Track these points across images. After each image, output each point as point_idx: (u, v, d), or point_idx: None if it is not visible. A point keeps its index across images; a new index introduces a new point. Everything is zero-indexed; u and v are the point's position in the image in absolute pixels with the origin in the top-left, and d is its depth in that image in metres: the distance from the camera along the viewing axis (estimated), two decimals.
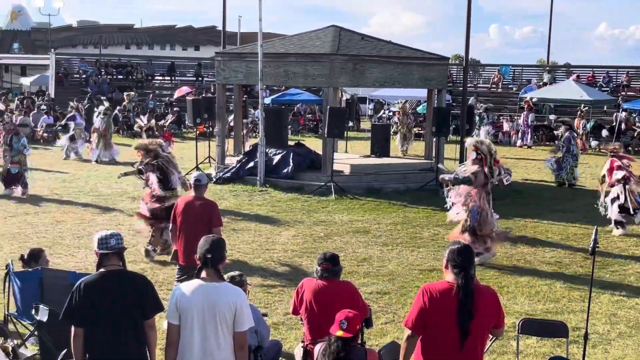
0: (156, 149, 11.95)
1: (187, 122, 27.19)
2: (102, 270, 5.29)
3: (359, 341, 6.03)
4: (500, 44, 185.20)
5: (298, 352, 6.63)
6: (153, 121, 16.58)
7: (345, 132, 20.68)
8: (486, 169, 11.79)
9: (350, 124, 28.00)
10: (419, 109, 35.68)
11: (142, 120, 22.70)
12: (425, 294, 5.05)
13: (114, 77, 41.00)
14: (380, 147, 21.72)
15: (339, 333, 5.52)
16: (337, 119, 17.63)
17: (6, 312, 7.71)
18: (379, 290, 10.28)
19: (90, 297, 5.16)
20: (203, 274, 5.21)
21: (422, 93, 27.17)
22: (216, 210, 8.76)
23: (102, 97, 30.53)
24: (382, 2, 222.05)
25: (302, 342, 6.59)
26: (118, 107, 31.74)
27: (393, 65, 18.88)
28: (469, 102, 29.13)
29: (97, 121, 23.55)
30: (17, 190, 16.61)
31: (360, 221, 14.85)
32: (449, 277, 5.09)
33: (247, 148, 21.60)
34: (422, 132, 29.06)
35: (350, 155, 22.37)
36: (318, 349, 5.77)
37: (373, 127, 24.36)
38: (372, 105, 41.01)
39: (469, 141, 12.56)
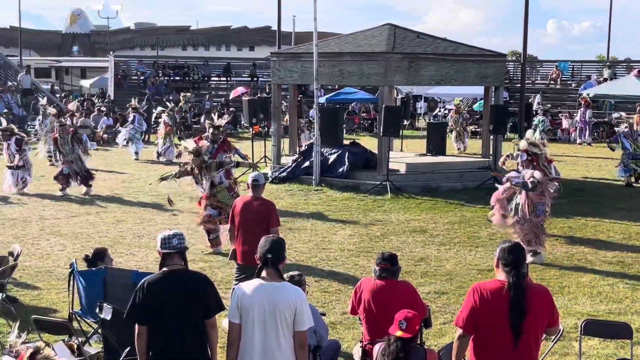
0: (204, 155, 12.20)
1: (243, 122, 27.44)
2: (164, 269, 5.38)
3: (418, 341, 6.01)
4: (558, 40, 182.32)
5: (357, 352, 6.63)
6: (222, 120, 16.29)
7: (401, 131, 20.60)
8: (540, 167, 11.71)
9: (406, 122, 27.86)
10: (475, 106, 35.33)
11: (214, 119, 22.72)
12: (476, 293, 5.02)
13: (171, 78, 41.57)
14: (436, 145, 21.57)
15: (399, 333, 5.51)
16: (393, 118, 17.57)
17: (71, 311, 7.88)
18: (436, 290, 10.21)
19: (154, 296, 5.25)
20: (263, 273, 5.24)
21: (478, 90, 26.87)
22: (274, 210, 8.81)
23: (168, 98, 31.04)
24: None
25: (361, 341, 6.59)
26: (175, 108, 32.12)
27: (449, 62, 18.74)
28: (534, 100, 28.79)
29: (165, 120, 24.03)
30: (83, 189, 17.18)
31: (416, 220, 14.78)
32: (500, 275, 5.07)
33: (302, 147, 21.69)
34: (478, 130, 28.77)
35: (406, 153, 22.25)
36: (377, 349, 5.77)
37: (429, 126, 24.18)
38: (426, 103, 40.72)
39: (522, 144, 12.35)
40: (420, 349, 5.77)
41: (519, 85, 31.89)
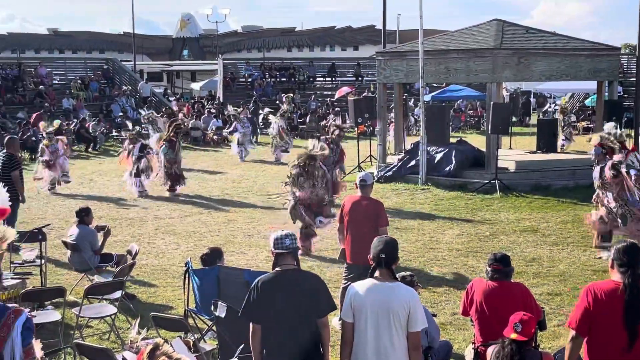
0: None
1: (348, 122, 27.53)
2: (277, 269, 5.47)
3: (533, 344, 5.88)
4: None
5: (469, 354, 6.54)
6: (339, 120, 16.48)
7: (510, 128, 20.18)
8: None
9: (514, 119, 27.27)
10: (587, 101, 34.23)
11: (339, 121, 22.87)
12: (590, 294, 4.90)
13: (278, 79, 42.19)
14: (546, 142, 21.02)
15: (513, 336, 5.41)
16: (501, 115, 17.23)
17: (186, 308, 8.14)
18: (549, 291, 9.96)
19: (267, 295, 5.35)
20: (377, 273, 5.25)
21: (590, 85, 26.01)
22: (382, 209, 8.79)
23: (282, 101, 31.56)
24: None
25: (473, 343, 6.50)
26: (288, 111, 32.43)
27: (560, 57, 18.22)
28: None
29: (279, 122, 24.37)
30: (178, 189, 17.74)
31: (527, 219, 14.45)
32: (615, 276, 4.92)
33: (408, 146, 21.58)
34: (591, 125, 27.82)
35: (515, 151, 21.80)
36: (491, 351, 5.68)
37: (539, 122, 23.59)
38: (534, 99, 39.72)
39: (594, 139, 11.91)
40: (535, 352, 5.64)
41: (634, 79, 30.70)
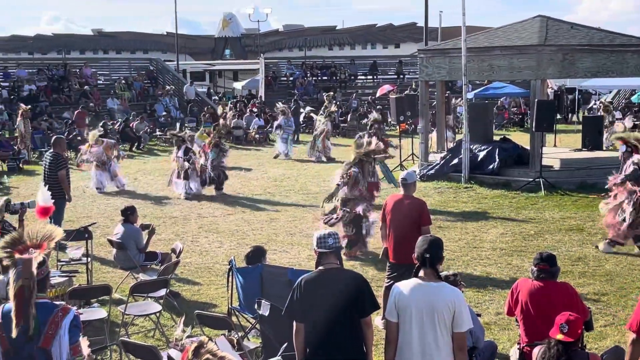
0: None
1: (390, 120, 27.43)
2: (320, 268, 5.48)
3: (580, 345, 5.79)
4: None
5: (514, 354, 6.47)
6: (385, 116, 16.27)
7: (554, 125, 19.91)
8: None
9: (559, 116, 26.89)
10: (634, 98, 33.59)
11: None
12: None
13: (319, 78, 42.21)
14: (591, 139, 20.71)
15: (560, 336, 5.34)
16: (546, 112, 17.00)
17: (230, 306, 8.19)
18: (596, 291, 9.80)
19: (311, 294, 5.36)
20: (421, 273, 5.22)
21: (637, 82, 25.54)
22: (425, 208, 8.73)
23: (331, 99, 31.62)
24: None
25: (518, 343, 6.43)
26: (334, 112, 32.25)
27: (606, 54, 17.91)
28: None
29: (326, 124, 24.39)
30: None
31: (572, 218, 14.24)
32: None
33: (450, 144, 21.43)
34: (638, 122, 27.33)
35: (560, 149, 21.50)
36: (537, 352, 5.60)
37: (584, 119, 23.24)
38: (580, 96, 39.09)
39: (614, 135, 11.84)
40: (583, 352, 5.55)
41: None
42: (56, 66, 36.15)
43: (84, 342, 4.77)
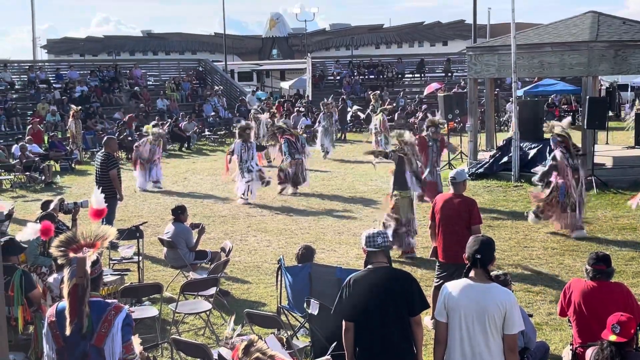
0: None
1: (438, 119, 27.22)
2: (369, 267, 5.46)
3: (634, 346, 5.67)
4: None
5: (566, 355, 6.37)
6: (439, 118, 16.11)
7: (606, 123, 19.53)
8: None
9: (611, 113, 26.39)
10: None
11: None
12: None
13: (366, 77, 42.12)
14: None
15: (612, 338, 5.24)
16: (598, 109, 16.68)
17: (279, 305, 8.23)
18: None
19: (360, 292, 5.35)
20: (471, 273, 5.15)
21: None
22: (475, 207, 8.64)
23: (376, 95, 31.62)
24: None
25: (571, 344, 6.33)
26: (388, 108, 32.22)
27: None
28: None
29: (380, 117, 24.42)
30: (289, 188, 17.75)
31: (625, 217, 13.96)
32: None
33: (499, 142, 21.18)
34: None
35: (612, 146, 21.09)
36: (590, 353, 5.51)
37: (637, 117, 22.73)
38: (632, 92, 38.33)
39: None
40: (637, 354, 5.45)
41: None
42: (107, 67, 36.79)
43: (135, 340, 4.83)
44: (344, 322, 5.42)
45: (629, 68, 18.08)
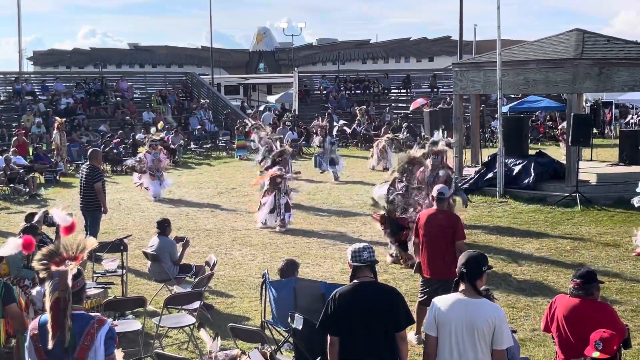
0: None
1: (423, 134, 27.31)
2: (355, 281, 5.46)
3: None
4: None
5: None
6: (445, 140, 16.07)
7: (591, 140, 19.68)
8: None
9: (595, 130, 26.60)
10: None
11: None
12: None
13: (352, 92, 42.24)
14: (629, 154, 20.42)
15: (595, 354, 5.25)
16: (582, 127, 16.82)
17: (263, 319, 8.19)
18: (633, 307, 9.65)
19: (345, 307, 5.34)
20: (461, 287, 5.20)
21: None
22: (459, 223, 8.67)
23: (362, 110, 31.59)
24: (626, 0, 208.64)
25: None
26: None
27: None
28: None
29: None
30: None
31: (609, 234, 14.04)
32: None
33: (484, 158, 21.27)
34: None
35: (597, 163, 21.24)
36: None
37: (621, 134, 22.95)
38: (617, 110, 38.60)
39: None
40: None
41: None
42: (93, 80, 36.74)
43: (118, 354, 4.81)
44: (329, 337, 5.41)
45: (613, 86, 18.26)
